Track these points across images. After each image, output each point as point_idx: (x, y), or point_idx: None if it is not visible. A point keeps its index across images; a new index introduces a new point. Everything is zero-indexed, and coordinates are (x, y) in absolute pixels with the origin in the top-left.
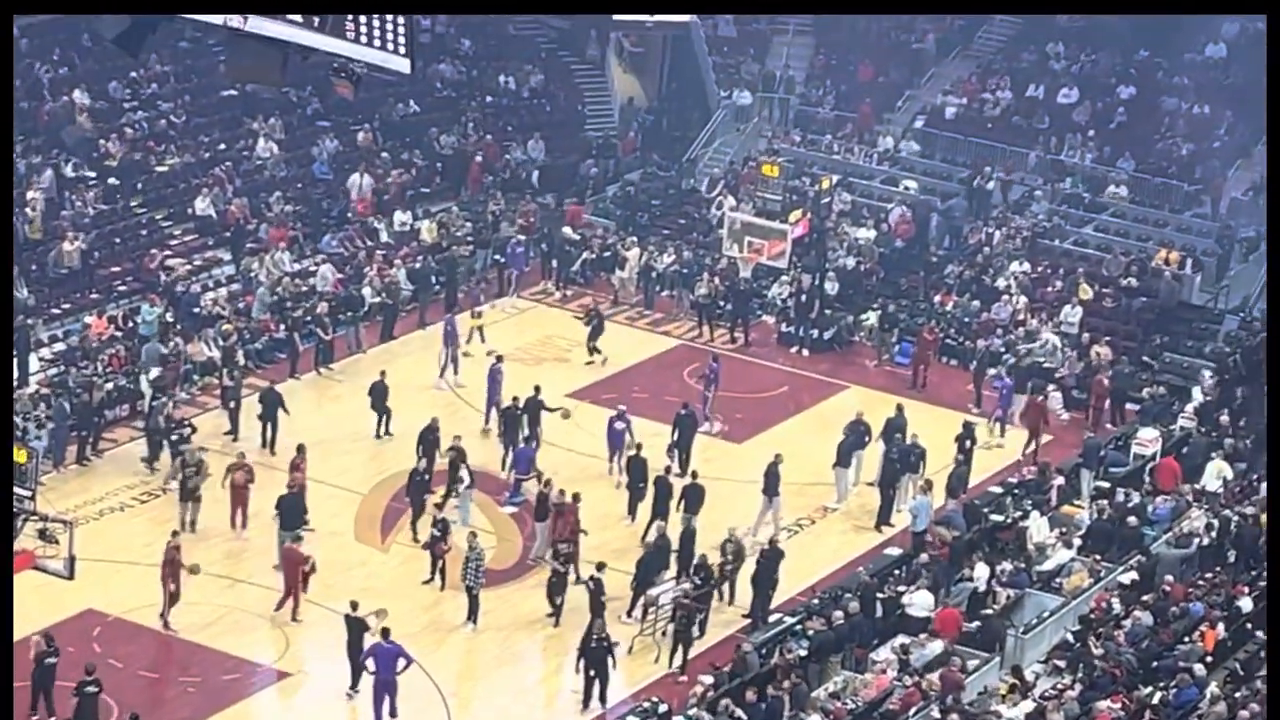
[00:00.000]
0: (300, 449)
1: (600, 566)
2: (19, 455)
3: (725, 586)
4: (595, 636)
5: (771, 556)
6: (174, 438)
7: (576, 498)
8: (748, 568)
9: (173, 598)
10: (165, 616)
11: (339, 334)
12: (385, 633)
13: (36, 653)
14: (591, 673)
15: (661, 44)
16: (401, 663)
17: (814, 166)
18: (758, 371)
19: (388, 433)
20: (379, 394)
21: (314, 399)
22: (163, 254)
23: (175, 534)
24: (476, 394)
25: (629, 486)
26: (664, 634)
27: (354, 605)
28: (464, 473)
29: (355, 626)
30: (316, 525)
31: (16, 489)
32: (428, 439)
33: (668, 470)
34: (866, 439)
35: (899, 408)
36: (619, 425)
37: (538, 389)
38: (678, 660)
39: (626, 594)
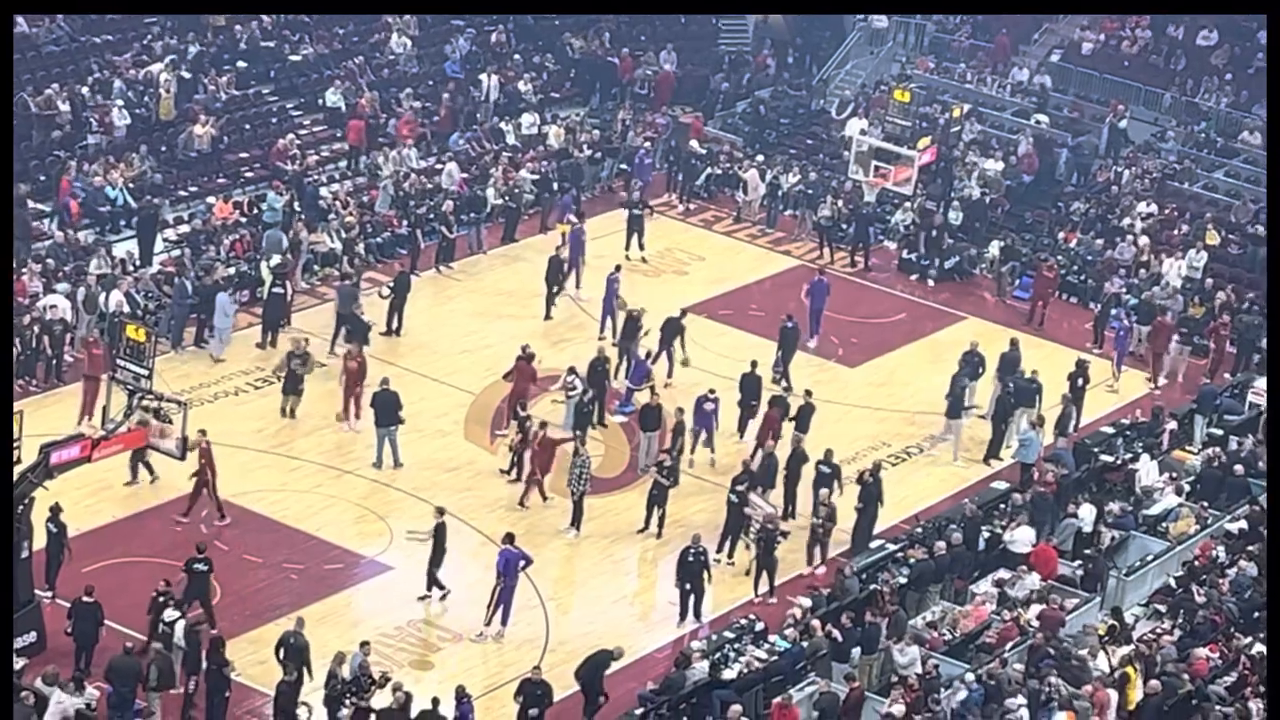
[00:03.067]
0: (526, 349)
1: (739, 481)
2: (137, 334)
3: (817, 548)
4: (693, 550)
5: (875, 483)
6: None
7: (774, 403)
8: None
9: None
10: (192, 509)
11: (461, 233)
12: (510, 538)
13: (187, 559)
14: (687, 586)
15: None
16: (522, 563)
17: (946, 94)
18: (876, 297)
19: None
20: (554, 267)
21: (432, 295)
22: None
23: (202, 433)
24: (593, 302)
25: (740, 404)
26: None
27: (440, 510)
28: (574, 379)
29: (440, 532)
30: (425, 424)
31: (133, 367)
32: (598, 369)
33: (788, 390)
34: (980, 370)
35: (1013, 342)
36: (708, 406)
37: (684, 312)
38: (763, 586)
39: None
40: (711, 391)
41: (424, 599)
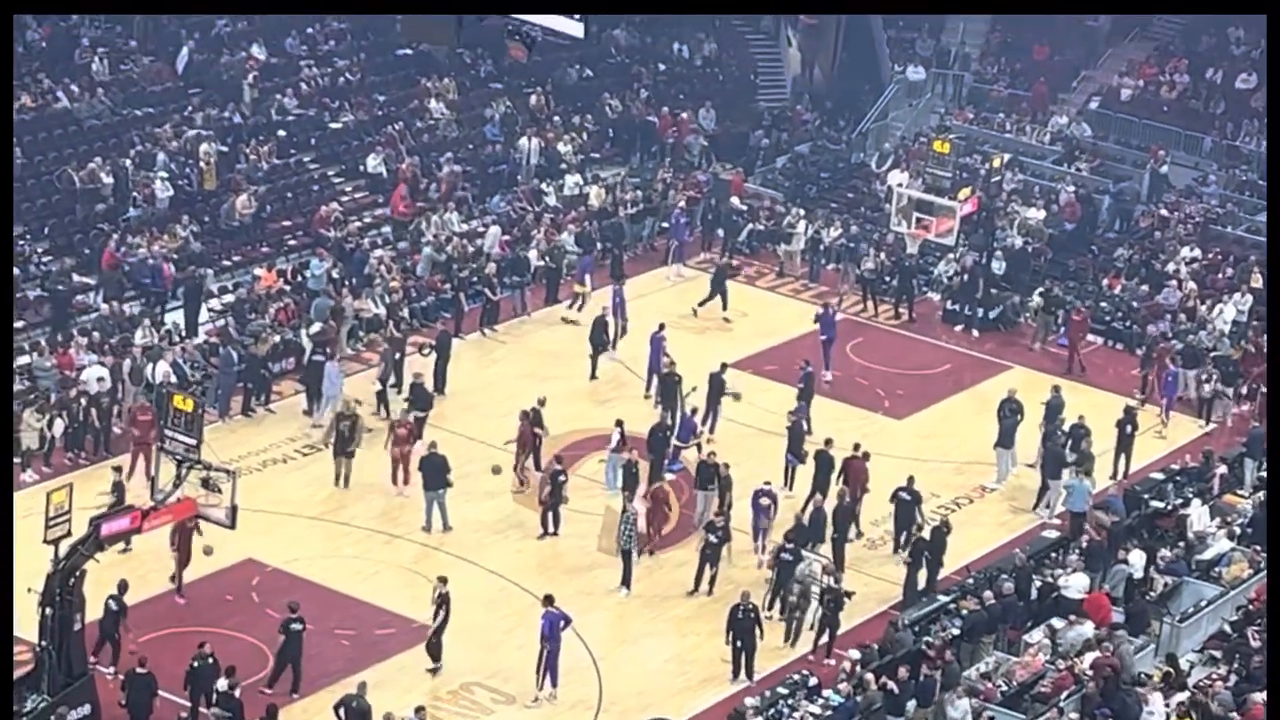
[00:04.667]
0: (542, 402)
1: (788, 537)
2: (184, 404)
3: (793, 626)
4: (743, 607)
5: (929, 539)
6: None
7: (866, 456)
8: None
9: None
10: (177, 582)
11: (504, 295)
12: (550, 599)
13: (283, 619)
14: (739, 643)
15: (836, 17)
16: (562, 623)
17: (985, 144)
18: (921, 348)
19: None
20: (599, 328)
21: (477, 358)
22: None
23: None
24: (635, 361)
25: (788, 459)
26: (805, 610)
27: (443, 580)
28: (616, 435)
29: (444, 602)
30: (473, 486)
31: (181, 437)
32: (656, 437)
33: (829, 443)
34: (1018, 418)
35: (1055, 389)
36: (764, 501)
37: (724, 366)
38: (823, 641)
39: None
40: (766, 484)
41: (434, 670)
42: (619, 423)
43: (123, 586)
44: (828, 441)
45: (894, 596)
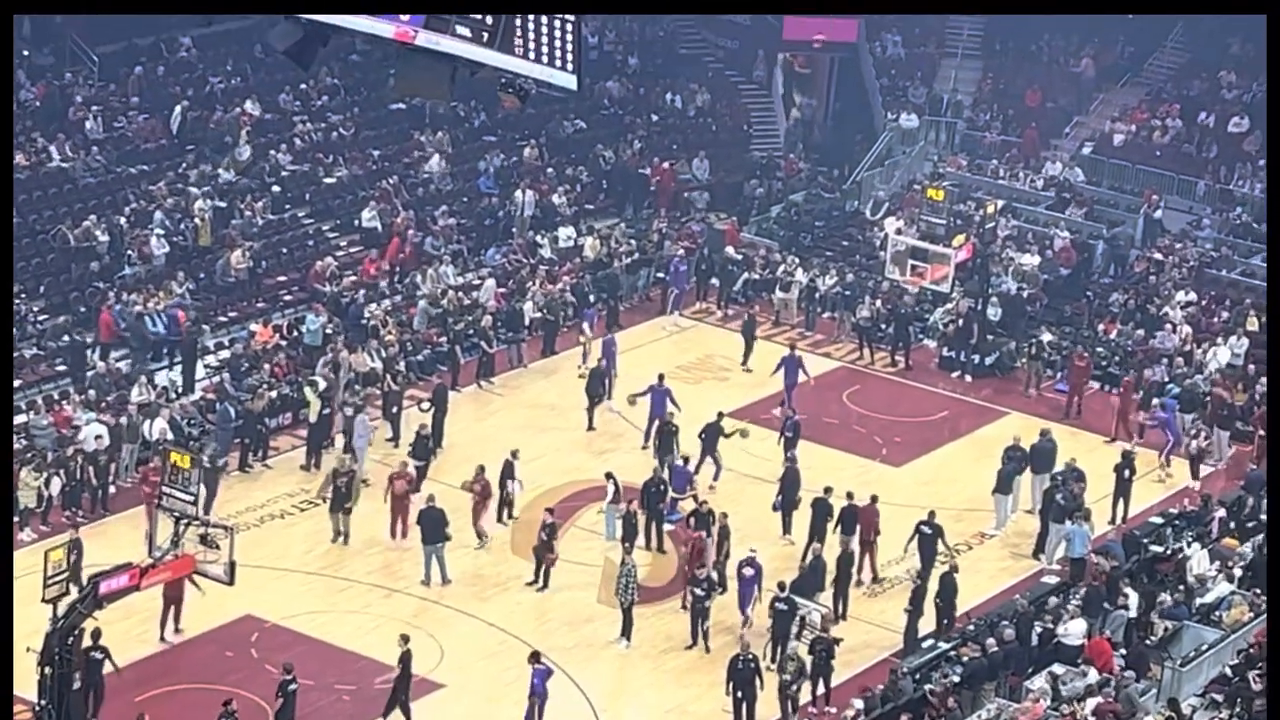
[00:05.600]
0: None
1: (782, 586)
2: (182, 460)
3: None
4: (743, 658)
5: (947, 580)
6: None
7: (875, 499)
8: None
9: (175, 609)
10: (165, 628)
11: (500, 348)
12: (536, 656)
13: (280, 681)
14: (739, 694)
15: (829, 66)
16: (547, 676)
17: (979, 191)
18: (917, 396)
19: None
20: (596, 378)
21: (474, 411)
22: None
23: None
24: (631, 412)
25: (781, 504)
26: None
27: (405, 638)
28: (610, 488)
29: (406, 660)
30: (472, 539)
31: (178, 493)
32: (650, 491)
33: (827, 491)
34: (1023, 465)
35: (1043, 433)
36: (747, 572)
37: (721, 415)
38: (819, 691)
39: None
40: (752, 551)
41: None
42: (608, 475)
43: (96, 635)
44: (827, 490)
45: (895, 644)
